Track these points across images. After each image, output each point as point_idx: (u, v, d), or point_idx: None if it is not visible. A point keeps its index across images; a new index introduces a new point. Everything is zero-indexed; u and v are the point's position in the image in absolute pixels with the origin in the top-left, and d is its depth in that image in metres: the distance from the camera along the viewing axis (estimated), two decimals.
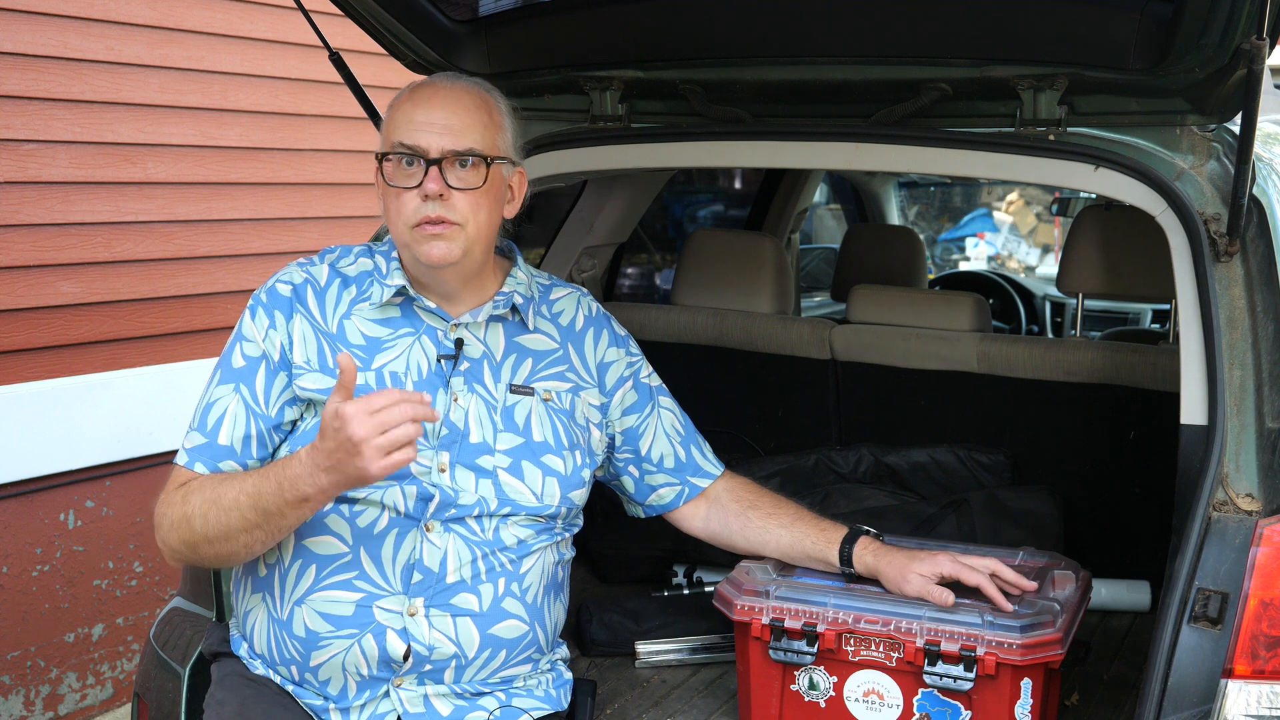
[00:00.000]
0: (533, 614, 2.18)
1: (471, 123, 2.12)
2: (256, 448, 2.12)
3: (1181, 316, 2.12)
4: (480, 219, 2.12)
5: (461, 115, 2.12)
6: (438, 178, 2.07)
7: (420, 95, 2.15)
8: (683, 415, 2.42)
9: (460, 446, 2.14)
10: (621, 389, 2.34)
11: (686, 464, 2.38)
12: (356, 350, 2.16)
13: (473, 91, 2.16)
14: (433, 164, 2.08)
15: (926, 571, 2.16)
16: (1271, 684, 1.82)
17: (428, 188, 2.07)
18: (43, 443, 4.14)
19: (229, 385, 2.14)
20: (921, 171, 4.13)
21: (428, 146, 2.08)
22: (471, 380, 2.18)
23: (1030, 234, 9.11)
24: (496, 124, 2.16)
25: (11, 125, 4.04)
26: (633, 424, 2.35)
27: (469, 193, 2.10)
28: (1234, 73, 2.02)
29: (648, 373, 2.40)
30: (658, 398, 2.39)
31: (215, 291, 4.70)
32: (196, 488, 2.07)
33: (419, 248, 2.10)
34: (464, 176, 2.10)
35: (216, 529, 2.01)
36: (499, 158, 2.14)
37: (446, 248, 2.09)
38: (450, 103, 2.12)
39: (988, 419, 3.18)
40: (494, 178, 2.13)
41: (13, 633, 4.11)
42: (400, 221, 2.11)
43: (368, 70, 2.97)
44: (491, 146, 2.13)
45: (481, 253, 2.17)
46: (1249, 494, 1.96)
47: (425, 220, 2.08)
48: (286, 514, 1.97)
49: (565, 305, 2.35)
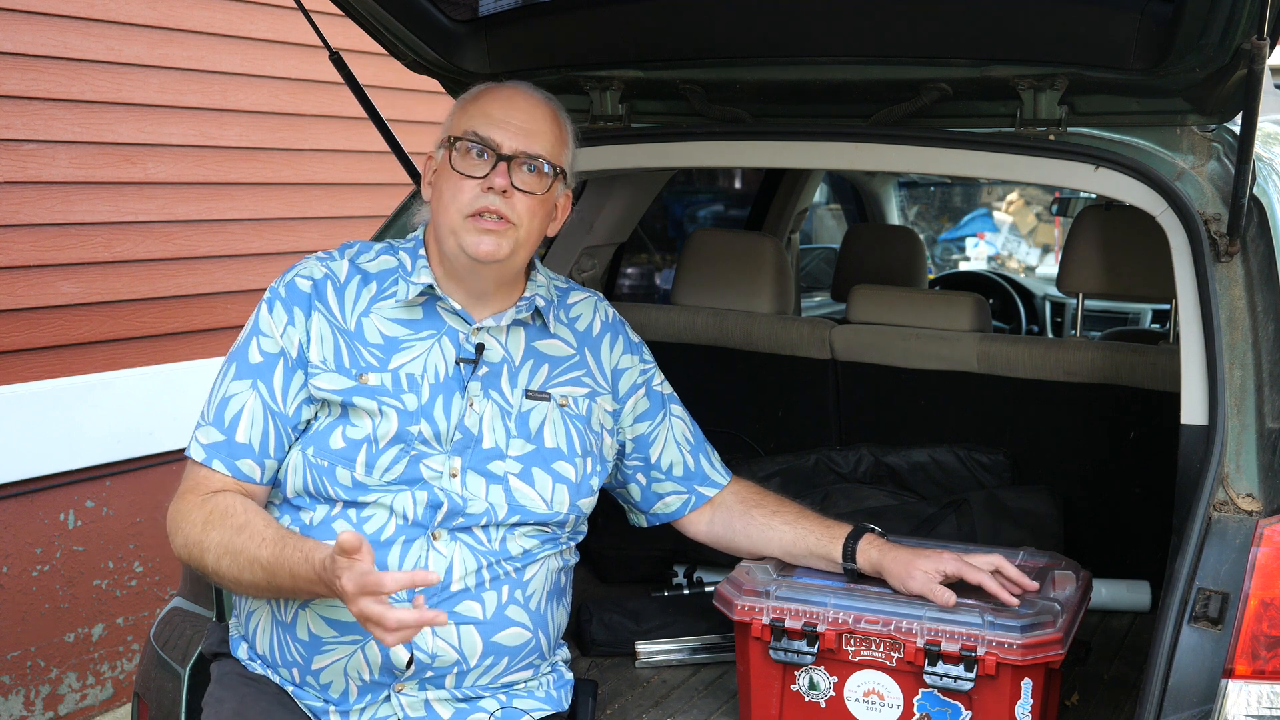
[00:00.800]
0: (536, 621, 2.18)
1: (546, 131, 2.15)
2: (274, 448, 2.12)
3: (1182, 316, 2.12)
4: (533, 225, 2.14)
5: (538, 122, 2.15)
6: (505, 174, 2.09)
7: (501, 95, 2.18)
8: (693, 424, 2.43)
9: (473, 451, 2.13)
10: (634, 396, 2.34)
11: (695, 473, 2.38)
12: (374, 349, 2.14)
13: (550, 105, 2.20)
14: (503, 160, 2.10)
15: (930, 569, 2.16)
16: (1272, 684, 1.82)
17: (494, 181, 2.09)
18: (43, 443, 4.13)
19: (246, 381, 2.13)
20: (921, 171, 4.14)
21: (502, 142, 2.11)
22: (488, 385, 2.17)
23: (1030, 234, 9.11)
24: (564, 141, 2.20)
25: (11, 125, 4.04)
26: (644, 431, 2.35)
27: (530, 197, 2.12)
28: (1234, 73, 2.02)
29: (660, 380, 2.40)
30: (669, 405, 2.39)
31: (215, 291, 4.70)
32: (218, 519, 2.03)
33: (468, 238, 2.10)
34: (529, 180, 2.12)
35: (230, 574, 2.02)
36: (562, 171, 2.17)
37: (496, 243, 2.10)
38: (530, 108, 2.16)
39: (988, 419, 3.18)
40: (553, 189, 2.16)
41: (13, 633, 4.11)
42: (455, 207, 2.11)
43: (368, 70, 2.97)
44: (558, 158, 2.17)
45: (523, 259, 2.18)
46: (1249, 494, 1.96)
47: (483, 210, 2.09)
48: (298, 594, 2.01)
49: (583, 310, 2.35)
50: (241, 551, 1.99)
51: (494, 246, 2.09)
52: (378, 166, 5.10)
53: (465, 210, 2.10)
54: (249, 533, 2.00)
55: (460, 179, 2.11)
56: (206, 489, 2.09)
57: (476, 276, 2.17)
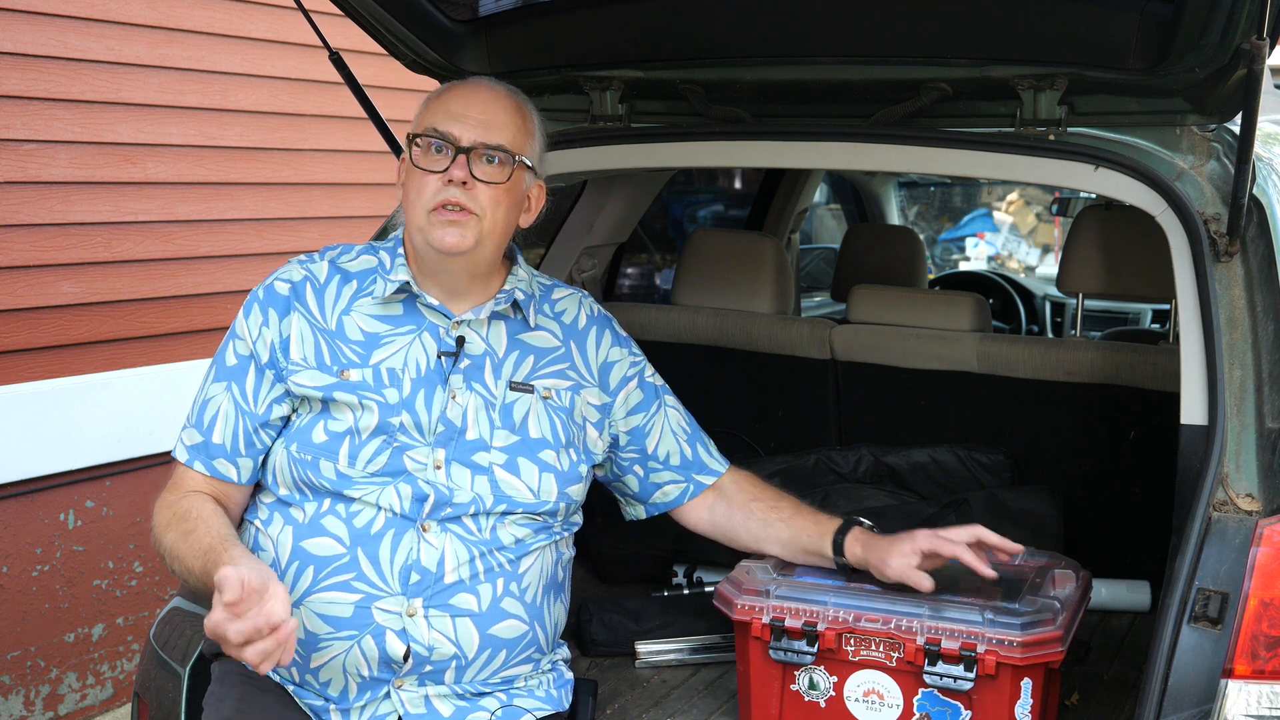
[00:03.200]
0: (532, 614, 2.18)
1: (506, 122, 2.16)
2: (245, 446, 2.16)
3: (1181, 316, 2.12)
4: (498, 215, 2.14)
5: (497, 114, 2.16)
6: (464, 166, 2.10)
7: (461, 90, 2.19)
8: (687, 414, 2.43)
9: (456, 443, 2.14)
10: (626, 388, 2.34)
11: (693, 461, 2.39)
12: (355, 346, 2.17)
13: (511, 96, 2.21)
14: (462, 152, 2.11)
15: (906, 550, 2.15)
16: (1271, 684, 1.82)
17: (453, 174, 2.10)
18: (43, 443, 4.14)
19: (222, 384, 2.18)
20: (921, 171, 4.14)
21: (460, 135, 2.12)
22: (471, 378, 2.19)
23: (1030, 234, 9.11)
24: (528, 131, 2.20)
25: (11, 125, 4.04)
26: (639, 423, 2.35)
27: (492, 186, 2.13)
28: (1234, 73, 2.02)
29: (651, 372, 2.41)
30: (663, 396, 2.40)
31: (215, 291, 4.70)
32: (176, 521, 2.11)
33: (433, 232, 2.11)
34: (489, 171, 2.13)
35: (180, 575, 2.12)
36: (525, 160, 2.17)
37: (460, 234, 2.11)
38: (488, 100, 2.17)
39: (988, 419, 3.18)
40: (517, 179, 2.17)
41: (13, 633, 4.11)
42: (419, 204, 2.13)
43: (368, 70, 2.97)
44: (520, 148, 2.17)
45: (493, 250, 2.18)
46: (1249, 494, 1.96)
47: (444, 204, 2.10)
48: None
49: (567, 305, 2.35)
50: (180, 558, 2.07)
51: (458, 238, 2.11)
52: (378, 166, 5.11)
53: (429, 205, 2.11)
54: (191, 540, 2.06)
55: (423, 175, 2.13)
56: (184, 488, 2.17)
57: (447, 271, 2.19)
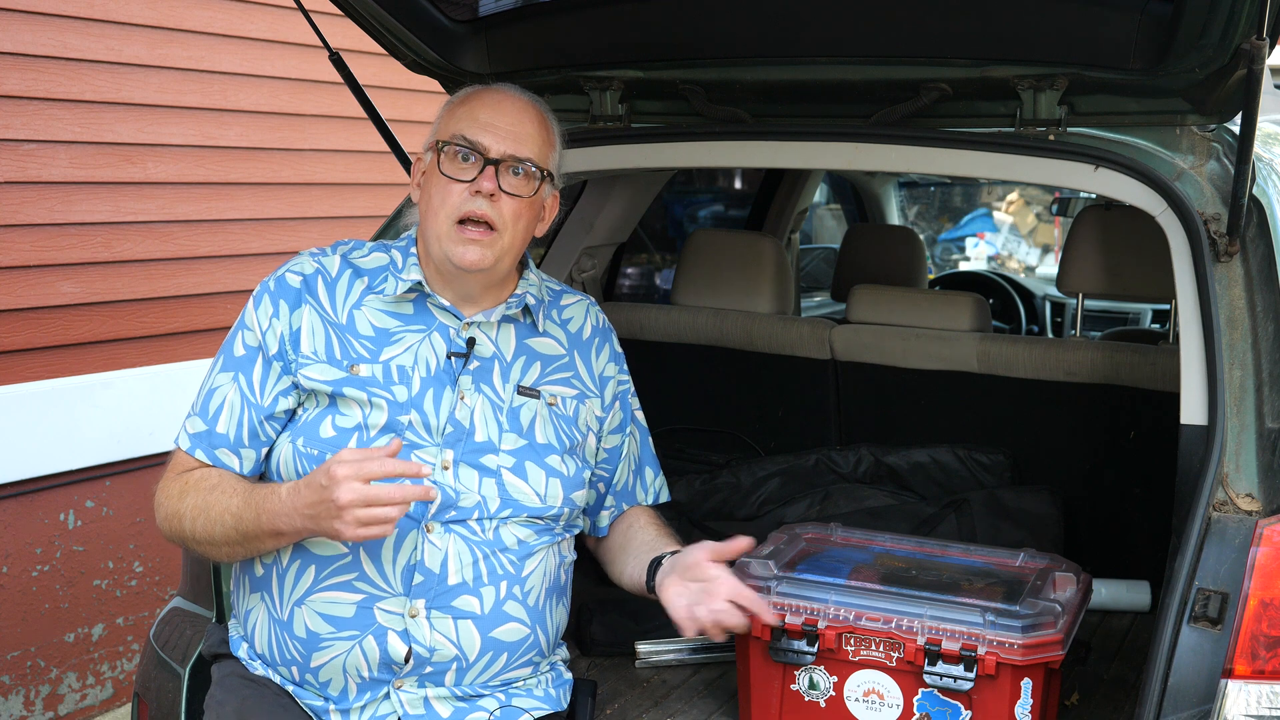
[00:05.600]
0: (534, 617, 2.18)
1: (533, 134, 2.17)
2: (249, 438, 2.15)
3: (1181, 316, 2.12)
4: (519, 229, 2.15)
5: (525, 125, 2.16)
6: (493, 178, 2.11)
7: (488, 98, 2.19)
8: (644, 440, 2.43)
9: (465, 444, 2.14)
10: (614, 407, 2.37)
11: (632, 490, 2.41)
12: (365, 341, 2.16)
13: (537, 108, 2.21)
14: (490, 164, 2.11)
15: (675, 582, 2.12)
16: (1271, 684, 1.82)
17: (482, 185, 2.10)
18: (43, 443, 4.14)
19: (229, 374, 2.18)
20: (921, 171, 4.13)
21: (489, 146, 2.12)
22: (480, 380, 2.19)
23: (1030, 234, 9.11)
24: (551, 144, 2.21)
25: (11, 125, 4.04)
26: (615, 443, 2.38)
27: (516, 200, 2.13)
28: (1234, 73, 2.02)
29: (633, 393, 2.43)
30: (636, 422, 2.42)
31: (215, 291, 4.70)
32: (193, 485, 2.11)
33: (454, 248, 2.12)
34: (516, 184, 2.13)
35: (204, 534, 2.08)
36: (549, 174, 2.18)
37: (481, 254, 2.12)
38: (517, 111, 2.17)
39: (988, 419, 3.18)
40: (540, 192, 2.17)
41: (13, 633, 4.11)
42: (443, 212, 2.13)
43: (368, 70, 2.97)
44: (545, 161, 2.18)
45: (510, 263, 2.19)
46: (1249, 494, 1.96)
47: (469, 217, 2.10)
48: (264, 541, 2.05)
49: (575, 312, 2.36)
50: (212, 506, 2.06)
51: (479, 256, 2.12)
52: (378, 166, 5.10)
53: (453, 215, 2.11)
54: (220, 490, 2.07)
55: (448, 183, 2.12)
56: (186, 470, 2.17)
57: (462, 281, 2.19)
